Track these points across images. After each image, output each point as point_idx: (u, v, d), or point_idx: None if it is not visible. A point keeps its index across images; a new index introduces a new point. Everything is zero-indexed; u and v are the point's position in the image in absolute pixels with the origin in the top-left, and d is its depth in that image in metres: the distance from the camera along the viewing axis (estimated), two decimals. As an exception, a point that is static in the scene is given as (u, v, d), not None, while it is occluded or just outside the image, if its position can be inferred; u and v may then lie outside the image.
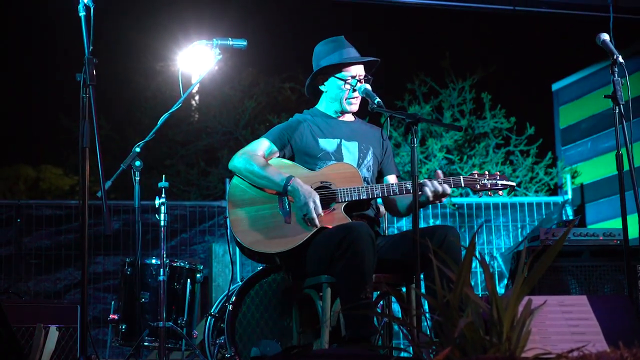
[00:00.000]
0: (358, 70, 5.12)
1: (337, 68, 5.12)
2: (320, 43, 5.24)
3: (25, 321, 5.72)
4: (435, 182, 4.81)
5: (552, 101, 11.41)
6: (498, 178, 4.97)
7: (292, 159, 5.07)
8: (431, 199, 4.82)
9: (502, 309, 2.85)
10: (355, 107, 5.15)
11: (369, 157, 5.12)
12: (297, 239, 4.79)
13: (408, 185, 4.84)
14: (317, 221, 4.74)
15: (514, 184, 5.05)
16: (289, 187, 4.81)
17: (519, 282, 2.92)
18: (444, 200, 4.96)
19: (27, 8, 15.78)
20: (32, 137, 17.89)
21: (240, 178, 4.98)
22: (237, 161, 4.99)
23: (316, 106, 5.30)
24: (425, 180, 4.81)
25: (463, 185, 4.94)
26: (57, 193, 17.34)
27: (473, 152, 12.04)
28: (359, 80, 5.09)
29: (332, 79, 5.13)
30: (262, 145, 5.04)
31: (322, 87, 5.21)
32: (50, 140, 16.80)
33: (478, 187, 4.94)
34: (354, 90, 5.08)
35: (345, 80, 5.09)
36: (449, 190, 4.84)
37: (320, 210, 4.76)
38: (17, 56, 17.03)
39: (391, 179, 5.22)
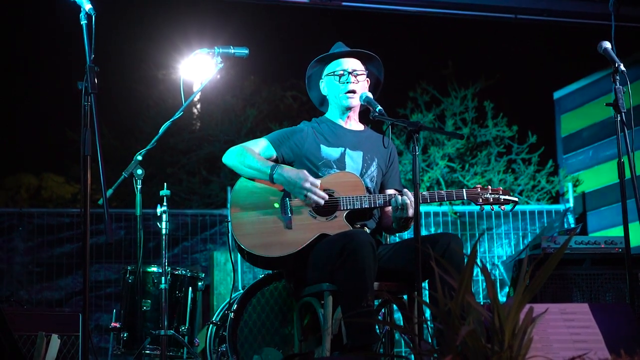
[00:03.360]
0: (351, 64, 5.14)
1: (328, 64, 5.18)
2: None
3: (27, 329, 5.71)
4: (397, 195, 4.82)
5: (554, 109, 11.41)
6: (501, 193, 4.97)
7: (291, 164, 5.07)
8: (396, 210, 4.83)
9: (504, 317, 2.85)
10: (354, 101, 5.13)
11: (373, 167, 5.12)
12: (298, 243, 4.79)
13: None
14: (319, 195, 4.77)
15: (516, 199, 5.03)
16: (275, 175, 4.84)
17: (520, 290, 2.92)
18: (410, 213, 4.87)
19: (28, 16, 15.81)
20: (34, 145, 17.90)
21: (233, 170, 5.02)
22: (230, 153, 5.05)
23: (325, 114, 5.32)
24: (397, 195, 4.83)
25: (465, 197, 4.95)
26: (59, 201, 17.33)
27: (475, 161, 12.04)
28: (350, 73, 5.10)
29: (327, 78, 5.17)
30: (259, 144, 5.08)
31: (322, 91, 5.24)
32: (52, 148, 16.82)
33: (480, 200, 4.94)
34: (347, 82, 5.09)
35: (333, 72, 5.11)
36: (407, 200, 4.80)
37: (317, 182, 4.79)
38: (18, 64, 17.04)
39: (390, 192, 5.19)
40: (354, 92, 5.10)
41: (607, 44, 5.10)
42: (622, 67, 5.01)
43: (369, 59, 5.22)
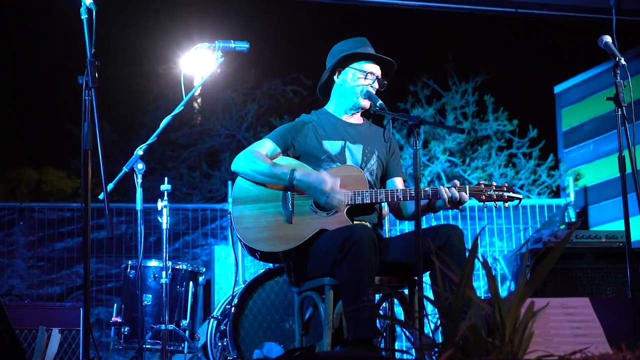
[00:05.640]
0: (375, 69, 5.11)
1: (357, 60, 5.13)
2: (342, 41, 5.24)
3: (27, 324, 5.72)
4: (453, 189, 4.77)
5: (554, 103, 11.40)
6: (505, 190, 4.90)
7: (297, 159, 5.06)
8: (447, 204, 4.78)
9: (505, 311, 2.85)
10: (367, 103, 5.12)
11: (373, 160, 5.11)
12: (298, 238, 4.78)
13: (413, 192, 4.82)
14: (340, 198, 4.74)
15: (520, 196, 4.92)
16: (295, 181, 4.80)
17: (521, 285, 2.92)
18: (460, 207, 4.89)
19: (28, 10, 15.80)
20: (35, 139, 17.89)
21: (245, 178, 4.98)
22: (240, 161, 4.98)
23: (325, 107, 5.29)
24: (442, 187, 4.79)
25: (468, 194, 4.90)
26: (60, 195, 17.34)
27: (476, 155, 12.04)
28: (377, 78, 5.09)
29: (353, 70, 5.11)
30: (265, 145, 5.03)
31: (337, 81, 5.18)
32: (52, 142, 16.83)
33: (483, 197, 4.88)
34: (370, 86, 5.07)
35: (364, 70, 5.08)
36: (466, 197, 4.78)
37: (337, 185, 4.75)
38: (19, 58, 17.04)
39: (397, 181, 5.19)
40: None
41: (608, 38, 5.09)
42: (622, 61, 5.00)
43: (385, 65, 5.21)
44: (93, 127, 4.14)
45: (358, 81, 5.10)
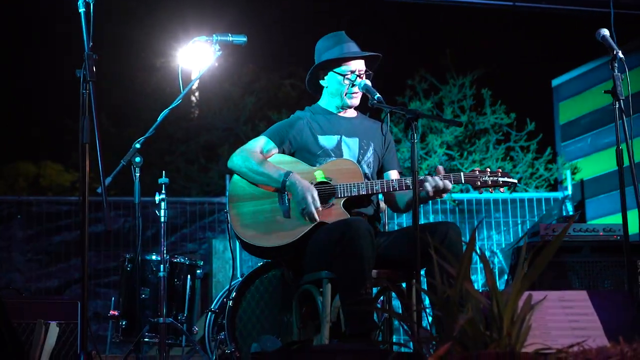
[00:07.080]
0: (358, 65, 5.11)
1: (336, 63, 5.11)
2: (321, 39, 5.24)
3: (25, 317, 5.71)
4: (436, 178, 4.78)
5: (552, 97, 11.39)
6: (499, 175, 4.93)
7: (292, 156, 5.07)
8: (431, 194, 4.79)
9: (503, 304, 2.85)
10: (356, 102, 5.14)
11: (370, 153, 5.12)
12: (295, 233, 4.79)
13: (408, 182, 4.82)
14: (315, 215, 4.75)
15: (515, 181, 4.96)
16: (287, 183, 4.81)
17: (519, 278, 2.92)
18: (445, 195, 4.92)
19: (26, 3, 15.77)
20: (32, 133, 17.87)
21: (240, 176, 4.99)
22: (236, 159, 5.00)
23: (318, 102, 5.30)
24: (426, 176, 4.80)
25: (463, 181, 4.91)
26: (58, 189, 17.33)
27: (473, 148, 12.03)
28: (359, 76, 5.08)
29: (331, 74, 5.12)
30: (259, 143, 5.04)
31: (322, 82, 5.21)
32: (50, 136, 16.81)
33: (479, 183, 4.90)
34: (353, 85, 5.07)
35: (344, 75, 5.08)
36: (449, 185, 4.80)
37: (318, 204, 4.76)
38: (17, 52, 17.00)
39: (392, 174, 5.21)
40: (358, 92, 5.09)
41: (606, 32, 5.09)
42: (620, 54, 5.00)
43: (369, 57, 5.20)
44: (91, 120, 4.13)
45: (342, 83, 5.10)
